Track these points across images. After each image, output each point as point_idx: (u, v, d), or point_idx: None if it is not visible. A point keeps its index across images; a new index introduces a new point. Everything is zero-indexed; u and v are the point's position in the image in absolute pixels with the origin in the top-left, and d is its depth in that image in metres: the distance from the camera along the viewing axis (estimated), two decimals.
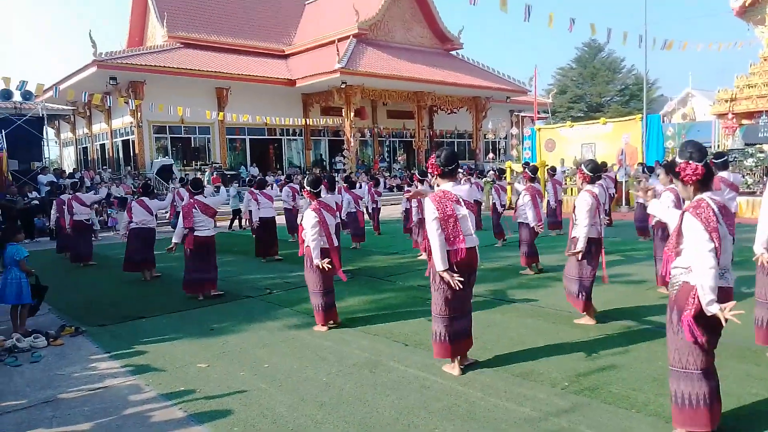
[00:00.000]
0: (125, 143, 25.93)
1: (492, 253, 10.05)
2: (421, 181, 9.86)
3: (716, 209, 3.03)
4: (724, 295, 3.03)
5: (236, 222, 16.47)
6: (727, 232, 3.07)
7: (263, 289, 7.73)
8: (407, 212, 12.26)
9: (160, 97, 21.95)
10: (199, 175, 21.64)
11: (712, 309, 2.89)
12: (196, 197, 7.36)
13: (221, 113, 23.35)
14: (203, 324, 6.06)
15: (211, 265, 7.33)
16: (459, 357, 4.34)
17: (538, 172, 8.23)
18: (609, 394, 3.81)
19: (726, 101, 18.72)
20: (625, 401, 3.68)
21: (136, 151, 24.10)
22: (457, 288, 4.05)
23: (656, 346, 4.64)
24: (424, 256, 4.41)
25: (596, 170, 5.72)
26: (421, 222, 7.60)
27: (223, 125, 25.77)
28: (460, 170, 14.25)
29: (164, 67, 22.72)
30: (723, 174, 7.68)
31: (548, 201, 11.92)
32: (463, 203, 4.17)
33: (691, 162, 3.08)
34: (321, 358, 4.80)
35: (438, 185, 4.31)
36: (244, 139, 27.66)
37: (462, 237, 4.14)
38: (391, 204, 20.98)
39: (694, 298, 2.98)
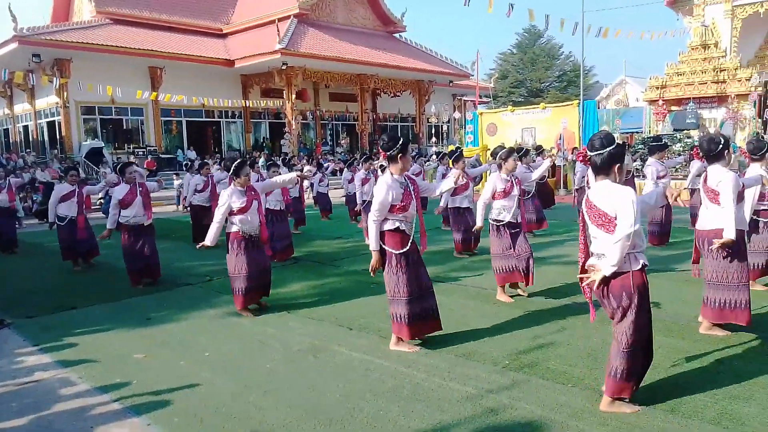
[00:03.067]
0: (50, 125, 24.49)
1: (435, 236, 10.16)
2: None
3: (586, 197, 3.37)
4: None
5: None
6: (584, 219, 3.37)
7: (203, 275, 7.52)
8: (351, 197, 12.14)
9: (89, 76, 20.82)
10: (132, 158, 20.73)
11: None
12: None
13: (154, 93, 22.36)
14: (140, 313, 5.84)
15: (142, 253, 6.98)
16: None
17: (460, 155, 8.34)
18: (547, 370, 3.95)
19: (657, 88, 19.52)
20: (562, 377, 3.83)
21: (63, 134, 22.82)
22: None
23: (592, 324, 4.82)
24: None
25: (494, 155, 6.40)
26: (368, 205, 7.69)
27: (157, 106, 24.73)
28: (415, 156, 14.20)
29: (92, 44, 21.55)
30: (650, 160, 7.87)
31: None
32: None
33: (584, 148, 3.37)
34: (264, 344, 4.73)
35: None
36: (181, 121, 26.71)
37: None
38: (335, 188, 20.82)
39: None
